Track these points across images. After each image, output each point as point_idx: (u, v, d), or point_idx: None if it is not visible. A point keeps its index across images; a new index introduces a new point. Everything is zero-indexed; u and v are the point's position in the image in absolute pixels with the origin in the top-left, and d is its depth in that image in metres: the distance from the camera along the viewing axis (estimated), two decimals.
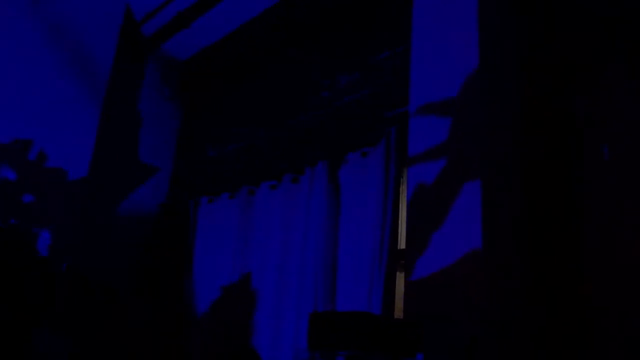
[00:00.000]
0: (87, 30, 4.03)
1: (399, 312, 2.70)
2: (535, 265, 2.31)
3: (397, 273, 2.77)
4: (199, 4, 4.01)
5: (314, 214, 3.21)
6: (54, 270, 3.47)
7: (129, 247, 4.06)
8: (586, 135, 2.37)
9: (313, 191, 3.28)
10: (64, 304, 3.51)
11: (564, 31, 2.56)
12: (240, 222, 3.74)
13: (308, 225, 3.22)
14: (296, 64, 3.85)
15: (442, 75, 2.54)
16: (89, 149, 3.86)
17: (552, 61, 2.55)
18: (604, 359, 2.10)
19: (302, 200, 3.36)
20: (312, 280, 3.06)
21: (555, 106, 2.48)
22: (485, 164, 2.28)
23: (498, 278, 2.19)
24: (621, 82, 2.33)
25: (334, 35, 3.64)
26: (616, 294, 2.14)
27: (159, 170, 4.37)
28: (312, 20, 3.79)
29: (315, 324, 2.13)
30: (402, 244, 2.79)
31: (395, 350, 2.09)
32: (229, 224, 3.82)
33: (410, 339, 2.13)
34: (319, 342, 2.15)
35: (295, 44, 3.92)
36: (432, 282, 2.26)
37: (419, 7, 2.73)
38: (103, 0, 4.17)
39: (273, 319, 3.29)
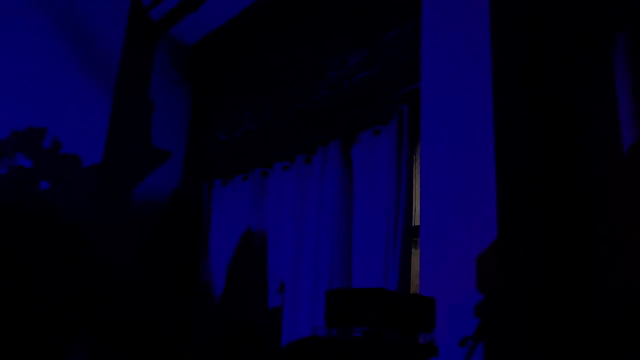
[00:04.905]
0: (96, 16, 4.02)
1: (414, 288, 2.71)
2: (547, 259, 2.30)
3: (412, 250, 2.78)
4: None
5: (328, 193, 3.22)
6: (70, 262, 3.47)
7: (144, 231, 4.10)
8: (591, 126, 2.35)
9: (326, 170, 3.28)
10: (84, 299, 3.52)
11: (570, 8, 2.53)
12: (254, 203, 3.76)
13: (322, 204, 3.23)
14: (306, 44, 3.83)
15: (453, 50, 2.52)
16: (102, 135, 3.88)
17: (558, 37, 2.52)
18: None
19: (315, 180, 3.36)
20: (327, 259, 3.08)
21: (560, 86, 2.46)
22: (499, 143, 2.26)
23: (510, 261, 2.18)
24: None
25: (343, 13, 3.60)
26: (627, 292, 2.12)
27: (171, 154, 4.39)
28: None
29: (332, 301, 2.15)
30: (416, 220, 2.79)
31: (411, 325, 2.10)
32: (243, 205, 3.84)
33: (426, 314, 2.14)
34: (336, 319, 2.17)
35: (305, 25, 3.89)
36: (447, 258, 2.27)
37: None
38: None
39: (289, 299, 3.32)
